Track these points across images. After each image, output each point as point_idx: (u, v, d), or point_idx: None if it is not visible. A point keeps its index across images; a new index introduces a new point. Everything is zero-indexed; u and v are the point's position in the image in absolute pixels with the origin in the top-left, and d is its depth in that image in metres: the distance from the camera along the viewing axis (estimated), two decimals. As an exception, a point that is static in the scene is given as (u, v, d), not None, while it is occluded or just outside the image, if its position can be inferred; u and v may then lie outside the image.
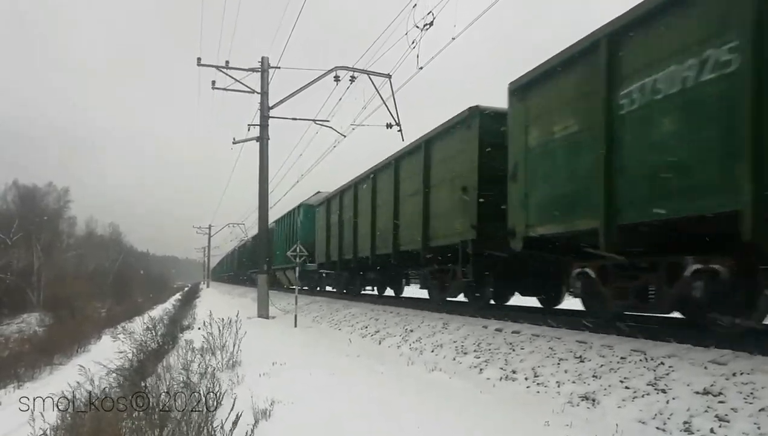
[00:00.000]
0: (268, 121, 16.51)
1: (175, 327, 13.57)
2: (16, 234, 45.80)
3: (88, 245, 64.28)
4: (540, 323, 7.36)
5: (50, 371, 17.26)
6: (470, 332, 7.89)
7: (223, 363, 7.23)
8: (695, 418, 3.90)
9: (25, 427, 5.35)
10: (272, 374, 6.76)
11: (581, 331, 6.55)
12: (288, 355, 8.04)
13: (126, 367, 8.52)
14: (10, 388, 15.15)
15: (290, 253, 14.70)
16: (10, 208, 53.30)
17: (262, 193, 16.76)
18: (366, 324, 11.25)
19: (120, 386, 6.96)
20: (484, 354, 6.78)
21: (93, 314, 30.77)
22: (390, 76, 15.80)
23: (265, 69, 16.55)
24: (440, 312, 10.21)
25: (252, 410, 4.55)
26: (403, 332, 9.43)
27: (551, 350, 6.06)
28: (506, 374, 5.96)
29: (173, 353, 8.78)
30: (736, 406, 3.83)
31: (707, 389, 4.13)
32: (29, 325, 31.79)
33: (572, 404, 4.83)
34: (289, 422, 4.59)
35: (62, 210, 59.68)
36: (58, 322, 27.57)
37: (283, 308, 18.20)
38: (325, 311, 15.27)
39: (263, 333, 11.46)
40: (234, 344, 7.59)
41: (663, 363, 4.77)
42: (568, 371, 5.41)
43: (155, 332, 10.70)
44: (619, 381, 4.80)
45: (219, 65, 16.59)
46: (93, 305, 35.65)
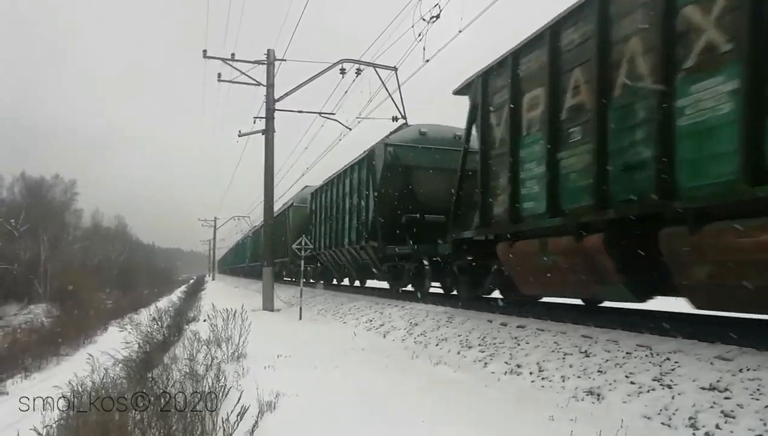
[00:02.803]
0: (273, 114, 16.52)
1: (180, 319, 13.63)
2: (23, 226, 46.06)
3: (94, 237, 64.55)
4: (545, 318, 7.36)
5: (57, 362, 17.40)
6: (475, 326, 7.89)
7: (229, 355, 7.27)
8: (701, 414, 3.89)
9: (31, 417, 5.39)
10: (277, 366, 6.78)
11: (587, 326, 6.54)
12: (293, 347, 8.07)
13: (132, 358, 8.56)
14: (18, 378, 15.29)
15: (295, 246, 14.71)
16: (17, 200, 53.58)
17: (268, 186, 16.78)
18: (371, 317, 11.26)
19: (127, 378, 7.00)
20: (489, 348, 6.78)
21: (99, 306, 30.95)
22: (396, 69, 15.81)
23: (271, 61, 16.54)
24: (444, 306, 10.23)
25: (257, 402, 4.56)
26: (408, 325, 9.44)
27: (556, 344, 6.05)
28: (511, 368, 5.96)
29: (179, 344, 8.83)
30: (742, 402, 3.82)
31: (713, 385, 4.11)
32: (36, 316, 32.00)
33: (577, 399, 4.83)
34: (294, 414, 4.61)
35: (69, 202, 60.00)
36: (65, 313, 27.74)
37: (288, 300, 18.25)
38: (330, 304, 15.30)
39: (268, 326, 11.50)
40: (240, 336, 7.62)
41: (669, 358, 4.75)
42: (573, 365, 5.41)
43: (161, 324, 10.75)
44: (625, 376, 4.79)
45: (225, 58, 16.60)
46: (99, 297, 35.85)
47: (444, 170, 11.86)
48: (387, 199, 12.71)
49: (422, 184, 12.54)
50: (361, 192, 14.10)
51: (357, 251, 14.91)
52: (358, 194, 14.43)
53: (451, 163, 10.92)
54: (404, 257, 12.38)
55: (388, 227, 12.62)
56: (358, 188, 14.44)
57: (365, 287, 17.75)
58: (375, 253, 13.52)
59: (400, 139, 13.04)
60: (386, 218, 12.69)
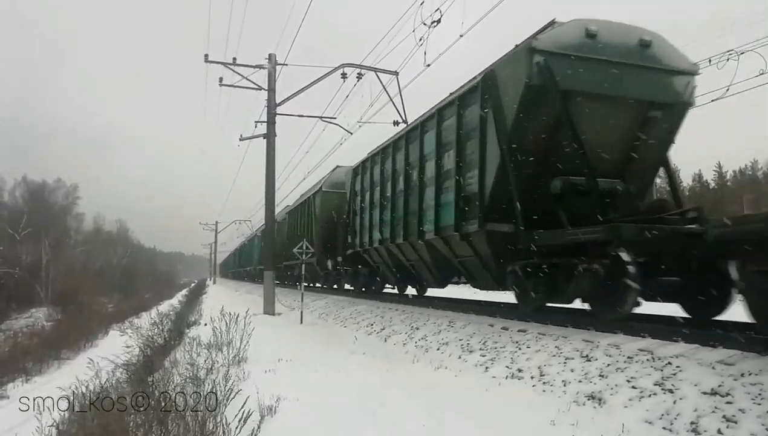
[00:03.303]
0: (275, 118, 16.54)
1: (181, 323, 13.63)
2: (24, 229, 46.15)
3: (96, 241, 64.73)
4: (547, 322, 7.34)
5: (58, 366, 17.41)
6: (476, 330, 7.88)
7: (230, 359, 7.26)
8: (702, 418, 3.88)
9: (32, 421, 5.40)
10: (278, 370, 6.78)
11: (588, 330, 6.53)
12: (293, 352, 8.07)
13: (133, 362, 8.56)
14: (19, 382, 15.29)
15: (296, 250, 14.68)
16: (19, 204, 53.71)
17: (269, 190, 16.79)
18: (372, 321, 11.25)
19: (128, 381, 7.00)
20: (490, 352, 6.77)
21: (100, 310, 30.99)
22: (397, 74, 15.83)
23: (273, 66, 16.57)
24: (445, 310, 10.20)
25: (258, 407, 4.56)
26: (409, 329, 9.43)
27: (557, 348, 6.04)
28: (512, 373, 5.95)
29: (180, 348, 8.82)
30: (744, 407, 3.81)
31: (715, 390, 4.10)
32: (37, 320, 32.03)
33: (578, 404, 4.81)
34: (294, 418, 4.61)
35: (70, 206, 60.15)
36: (66, 317, 27.77)
37: (289, 304, 18.24)
38: (331, 308, 15.29)
39: (269, 330, 11.48)
40: (241, 340, 7.62)
41: (670, 363, 4.75)
42: (574, 370, 5.40)
43: (162, 328, 10.74)
44: (626, 381, 4.78)
45: (226, 62, 16.64)
46: (100, 301, 35.88)
47: (624, 103, 7.45)
48: (526, 150, 7.66)
49: (592, 124, 7.41)
50: (466, 146, 8.77)
51: (452, 244, 9.57)
52: (457, 151, 8.97)
53: (639, 87, 7.40)
54: (572, 250, 6.99)
55: (527, 198, 7.58)
56: (458, 141, 8.94)
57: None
58: (499, 244, 8.20)
59: (555, 44, 7.32)
60: (526, 184, 7.63)
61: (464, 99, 8.83)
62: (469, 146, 8.66)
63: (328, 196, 18.88)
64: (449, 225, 9.17)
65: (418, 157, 10.61)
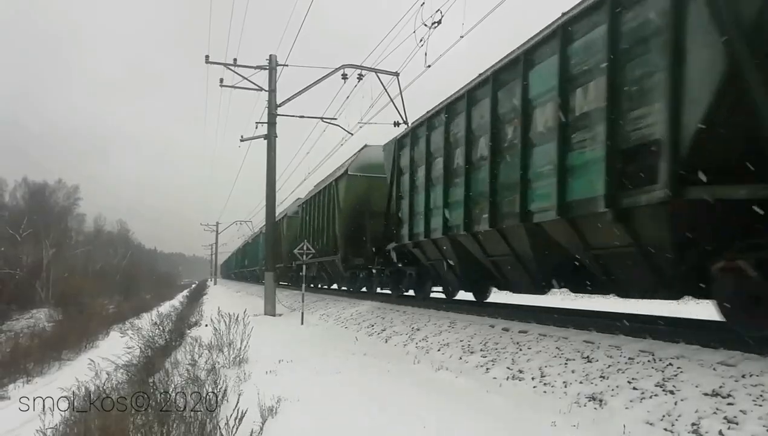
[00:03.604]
0: (275, 119, 16.56)
1: (182, 324, 13.63)
2: (25, 230, 46.19)
3: (97, 242, 64.77)
4: (548, 323, 7.34)
5: (59, 367, 17.42)
6: (477, 331, 7.88)
7: (230, 360, 7.26)
8: (704, 420, 3.87)
9: (33, 422, 5.40)
10: (279, 371, 6.78)
11: (589, 331, 6.53)
12: (294, 352, 8.07)
13: (134, 363, 8.57)
14: (20, 383, 15.30)
15: (297, 250, 14.66)
16: (20, 205, 53.78)
17: (270, 191, 16.80)
18: (373, 323, 11.25)
19: (129, 381, 7.01)
20: (491, 353, 6.76)
21: (101, 311, 30.97)
22: (398, 74, 15.85)
23: (273, 66, 16.60)
24: (446, 312, 10.19)
25: (259, 408, 4.56)
26: (410, 330, 9.42)
27: (558, 349, 6.04)
28: (513, 374, 5.94)
29: (180, 349, 8.82)
30: (746, 408, 3.80)
31: (716, 391, 4.10)
32: (38, 320, 32.02)
33: (579, 405, 4.81)
34: (295, 419, 4.61)
35: (71, 207, 60.24)
36: (67, 318, 27.78)
37: (290, 305, 18.25)
38: (332, 309, 15.28)
39: (270, 331, 11.48)
40: (242, 341, 7.62)
41: (671, 364, 4.74)
42: (575, 371, 5.39)
43: (163, 329, 10.75)
44: (627, 382, 4.78)
45: (227, 63, 16.67)
46: (101, 302, 35.88)
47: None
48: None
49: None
50: (631, 67, 5.49)
51: (587, 228, 6.40)
52: (609, 79, 5.71)
53: None
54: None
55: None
56: (613, 63, 5.67)
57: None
58: (707, 223, 5.06)
59: None
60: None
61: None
62: (638, 66, 5.41)
63: (355, 181, 15.56)
64: (590, 199, 6.01)
65: (519, 105, 7.35)
